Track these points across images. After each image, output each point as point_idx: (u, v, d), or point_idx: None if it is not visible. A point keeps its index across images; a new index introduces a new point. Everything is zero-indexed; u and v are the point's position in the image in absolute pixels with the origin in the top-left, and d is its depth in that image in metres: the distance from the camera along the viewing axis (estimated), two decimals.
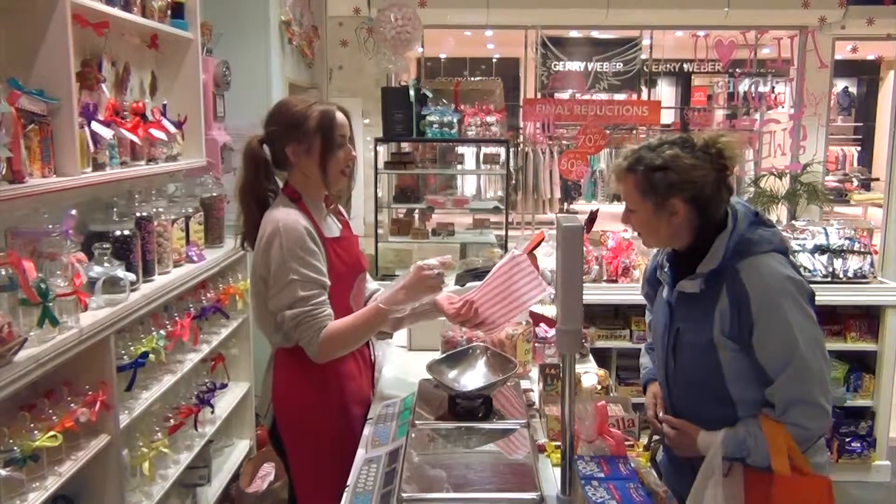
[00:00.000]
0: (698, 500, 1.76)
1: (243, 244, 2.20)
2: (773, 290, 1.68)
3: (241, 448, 3.59)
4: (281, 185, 2.16)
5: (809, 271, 3.87)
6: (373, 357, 2.34)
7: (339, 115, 2.08)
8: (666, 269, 1.93)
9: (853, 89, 13.25)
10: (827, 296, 3.79)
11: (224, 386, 3.28)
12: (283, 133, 2.05)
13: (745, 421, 1.75)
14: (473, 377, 2.06)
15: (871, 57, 11.15)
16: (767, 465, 1.69)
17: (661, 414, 1.96)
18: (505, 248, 4.55)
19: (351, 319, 2.05)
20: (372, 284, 2.39)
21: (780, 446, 1.68)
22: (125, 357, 2.31)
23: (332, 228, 2.16)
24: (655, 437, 2.07)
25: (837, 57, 7.13)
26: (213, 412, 3.10)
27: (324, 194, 2.16)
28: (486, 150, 5.86)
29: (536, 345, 2.53)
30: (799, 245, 3.96)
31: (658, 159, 1.75)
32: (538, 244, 2.83)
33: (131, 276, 2.32)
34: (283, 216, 2.00)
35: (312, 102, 2.08)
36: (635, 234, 2.03)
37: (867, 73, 12.67)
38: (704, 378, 1.81)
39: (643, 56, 7.70)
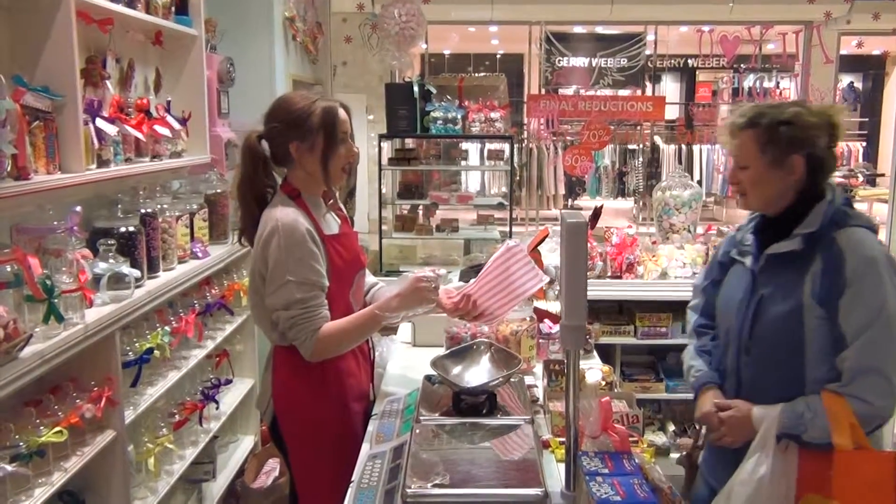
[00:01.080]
0: (742, 469, 1.74)
1: (241, 240, 2.20)
2: (870, 257, 1.69)
3: (245, 444, 3.60)
4: (279, 180, 2.15)
5: None
6: (372, 353, 2.35)
7: (342, 112, 2.08)
8: (749, 243, 1.92)
9: (858, 84, 13.21)
10: None
11: (229, 382, 3.29)
12: (286, 130, 2.04)
13: (805, 396, 1.72)
14: (477, 373, 2.06)
15: (876, 52, 11.13)
16: (826, 442, 1.66)
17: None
18: None
19: (345, 323, 2.05)
20: (370, 278, 2.39)
21: (841, 421, 1.65)
22: (130, 353, 2.31)
23: (332, 225, 2.15)
24: (698, 445, 2.05)
25: (843, 52, 7.11)
26: (217, 408, 3.11)
27: (322, 190, 2.16)
28: (490, 146, 5.85)
29: (540, 341, 2.53)
30: None
31: (783, 114, 1.78)
32: (542, 240, 2.82)
33: (136, 273, 2.32)
34: (282, 215, 1.99)
35: (315, 99, 2.06)
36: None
37: (873, 68, 12.64)
38: (783, 350, 1.77)
39: (647, 51, 7.67)
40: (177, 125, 2.86)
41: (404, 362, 2.56)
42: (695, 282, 2.19)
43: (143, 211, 2.53)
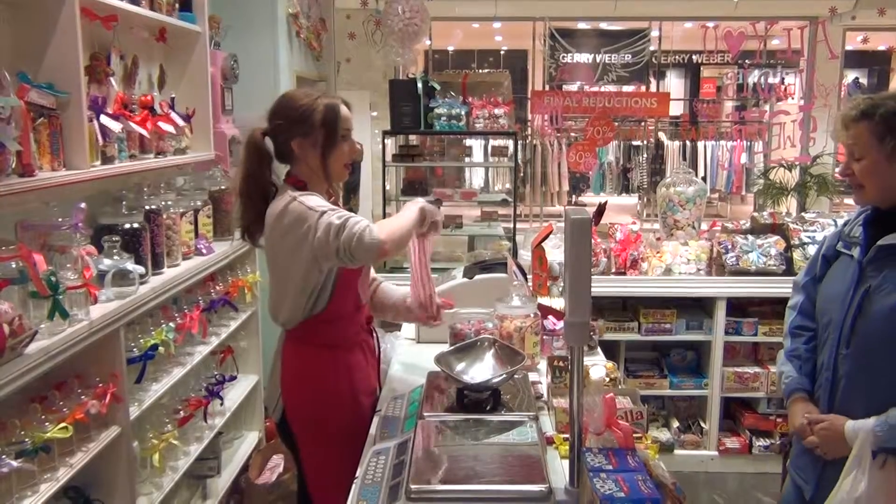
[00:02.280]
0: (840, 489, 1.70)
1: (244, 236, 2.18)
2: None
3: (250, 440, 3.61)
4: (278, 179, 2.15)
5: None
6: (378, 349, 2.35)
7: (344, 109, 2.10)
8: (858, 235, 1.88)
9: (864, 80, 13.14)
10: None
11: (233, 378, 3.30)
12: (289, 127, 2.05)
13: None
14: (481, 370, 2.06)
15: (882, 47, 11.05)
16: None
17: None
18: (513, 241, 4.54)
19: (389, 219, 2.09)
20: (371, 273, 2.39)
21: None
22: (135, 349, 2.32)
23: None
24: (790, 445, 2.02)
25: (848, 47, 7.06)
26: (222, 404, 3.11)
27: (325, 186, 2.17)
28: (494, 142, 5.86)
29: (545, 337, 2.52)
30: (809, 237, 3.94)
31: None
32: (546, 237, 2.82)
33: (140, 269, 2.33)
34: (293, 193, 2.01)
35: (317, 96, 2.08)
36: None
37: (878, 64, 12.56)
38: (887, 345, 1.73)
39: (652, 47, 7.64)
40: (181, 122, 2.87)
41: (408, 359, 2.56)
42: (795, 278, 2.14)
43: (147, 207, 2.54)
